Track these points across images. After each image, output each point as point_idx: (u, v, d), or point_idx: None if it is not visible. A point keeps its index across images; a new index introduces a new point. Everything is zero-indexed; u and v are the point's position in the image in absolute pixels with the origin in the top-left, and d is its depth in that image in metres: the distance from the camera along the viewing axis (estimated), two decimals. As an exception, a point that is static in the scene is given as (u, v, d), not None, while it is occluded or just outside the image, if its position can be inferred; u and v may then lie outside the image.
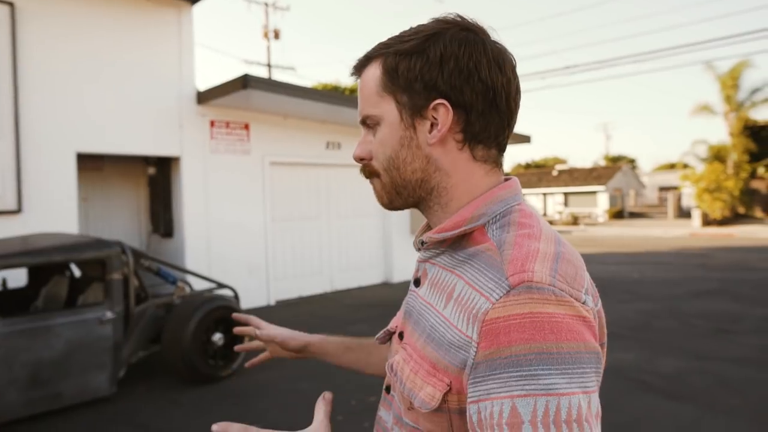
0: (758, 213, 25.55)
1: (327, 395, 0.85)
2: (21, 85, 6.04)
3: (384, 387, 0.89)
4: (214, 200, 7.61)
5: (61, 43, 6.38)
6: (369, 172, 0.85)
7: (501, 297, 0.65)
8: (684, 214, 31.43)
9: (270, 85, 7.15)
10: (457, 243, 0.78)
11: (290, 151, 8.52)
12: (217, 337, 4.81)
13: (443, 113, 0.76)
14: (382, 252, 10.07)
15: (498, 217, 0.76)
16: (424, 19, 0.82)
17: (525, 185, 37.53)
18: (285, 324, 1.34)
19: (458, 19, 0.79)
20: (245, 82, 6.59)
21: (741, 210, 25.35)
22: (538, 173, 41.75)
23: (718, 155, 25.39)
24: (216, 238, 7.60)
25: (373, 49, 0.82)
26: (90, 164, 7.31)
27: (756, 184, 25.55)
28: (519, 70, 0.82)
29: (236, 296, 5.50)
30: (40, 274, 5.04)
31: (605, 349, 0.75)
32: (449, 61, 0.75)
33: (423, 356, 0.74)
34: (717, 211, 24.35)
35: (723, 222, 24.53)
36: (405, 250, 10.05)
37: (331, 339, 1.19)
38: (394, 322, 0.92)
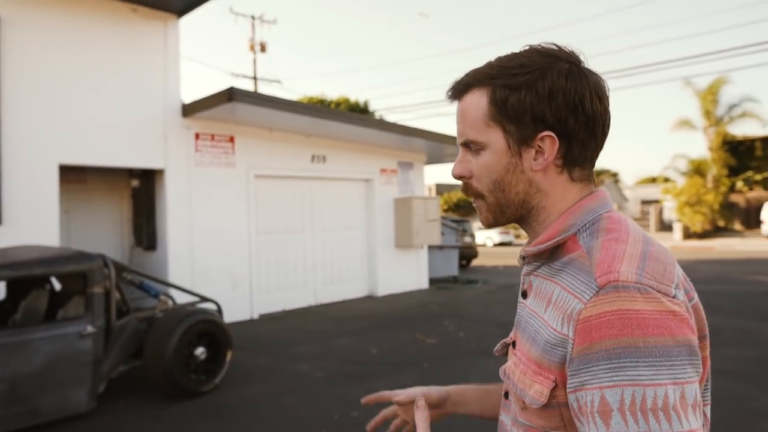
0: (737, 226, 25.99)
1: (420, 402, 0.93)
2: (3, 96, 5.99)
3: (503, 393, 0.95)
4: (198, 213, 7.57)
5: (45, 54, 6.34)
6: (472, 193, 0.90)
7: (591, 297, 0.71)
8: (666, 227, 31.78)
9: (255, 98, 7.17)
10: (554, 254, 0.84)
11: (275, 164, 8.52)
12: (200, 352, 4.77)
13: (549, 144, 0.82)
14: (367, 265, 10.06)
15: (587, 225, 0.82)
16: (512, 45, 0.82)
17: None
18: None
19: (559, 50, 0.84)
20: (231, 95, 6.60)
21: (721, 223, 25.77)
22: (523, 186, 41.95)
23: (698, 169, 25.83)
24: (199, 251, 7.55)
25: (472, 77, 0.86)
26: (73, 176, 7.24)
27: (735, 198, 26.03)
28: None
29: (219, 310, 5.46)
30: (19, 288, 4.96)
31: (707, 341, 0.79)
32: (557, 95, 0.80)
33: (529, 358, 0.81)
34: (697, 224, 24.72)
35: (703, 235, 24.90)
36: (389, 263, 10.06)
37: (468, 386, 1.16)
38: (511, 333, 0.98)
